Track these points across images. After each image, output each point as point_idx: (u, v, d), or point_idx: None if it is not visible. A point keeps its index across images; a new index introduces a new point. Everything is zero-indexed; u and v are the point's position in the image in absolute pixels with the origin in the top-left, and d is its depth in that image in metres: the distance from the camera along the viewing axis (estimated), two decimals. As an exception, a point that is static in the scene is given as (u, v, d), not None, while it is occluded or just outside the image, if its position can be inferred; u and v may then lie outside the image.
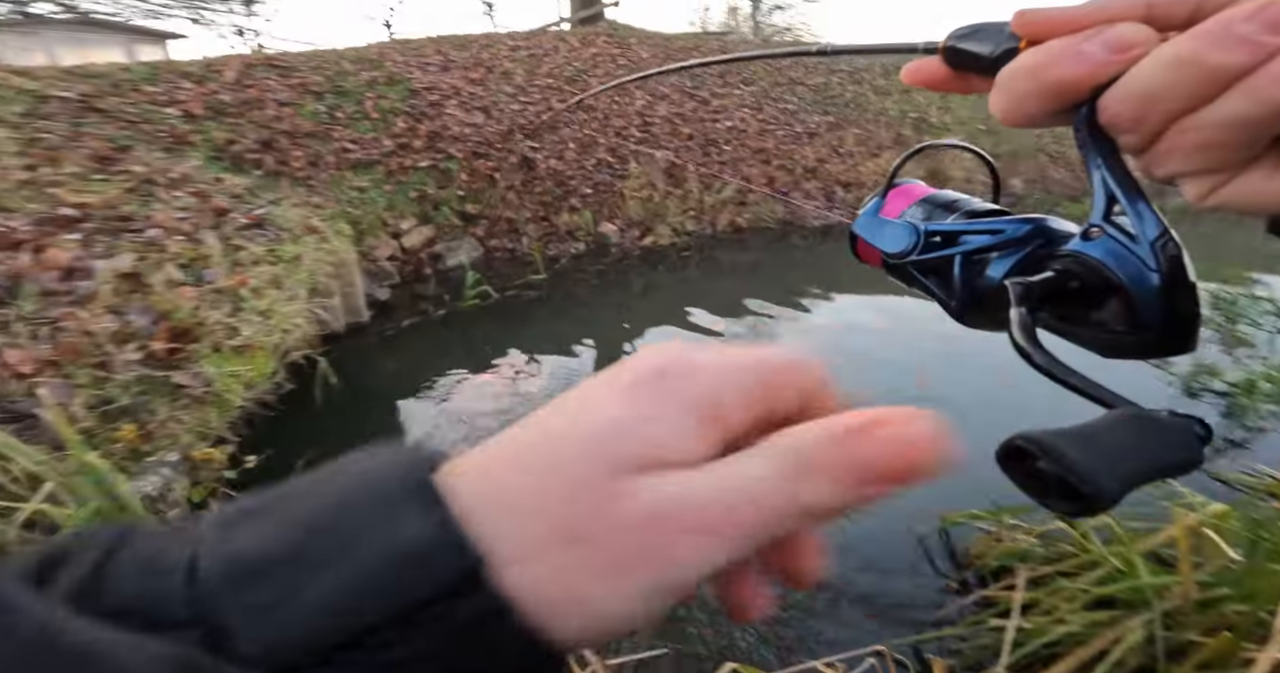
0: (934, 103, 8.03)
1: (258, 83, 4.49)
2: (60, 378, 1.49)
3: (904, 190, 0.40)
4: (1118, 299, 0.23)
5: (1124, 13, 0.20)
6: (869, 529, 1.93)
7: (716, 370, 0.19)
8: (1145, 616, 1.24)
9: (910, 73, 0.29)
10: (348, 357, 3.08)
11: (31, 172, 2.15)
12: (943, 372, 2.92)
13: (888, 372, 3.04)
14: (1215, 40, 0.18)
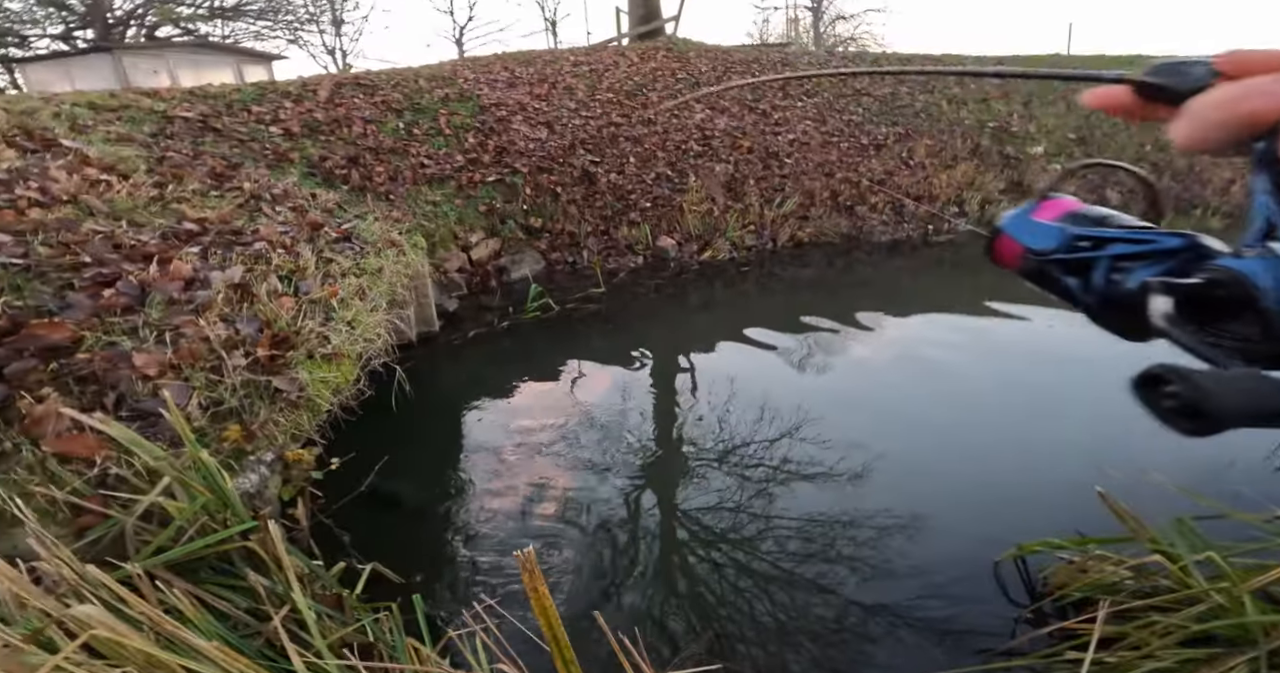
0: (1015, 111, 7.62)
1: (346, 101, 4.83)
2: (180, 381, 1.64)
3: (1055, 203, 0.42)
4: (1256, 312, 0.25)
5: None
6: (938, 553, 1.86)
7: None
8: (1250, 654, 1.15)
9: (1096, 98, 0.32)
10: (419, 365, 3.23)
11: (160, 188, 2.41)
12: (1031, 397, 2.76)
13: (970, 393, 2.89)
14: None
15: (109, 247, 1.83)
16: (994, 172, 6.74)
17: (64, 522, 1.22)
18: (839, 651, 1.57)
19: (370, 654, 1.25)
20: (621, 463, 2.44)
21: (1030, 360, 3.21)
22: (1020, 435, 2.50)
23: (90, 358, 1.44)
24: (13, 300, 1.47)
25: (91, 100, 3.43)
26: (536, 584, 0.86)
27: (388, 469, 2.39)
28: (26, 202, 1.86)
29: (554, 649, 0.91)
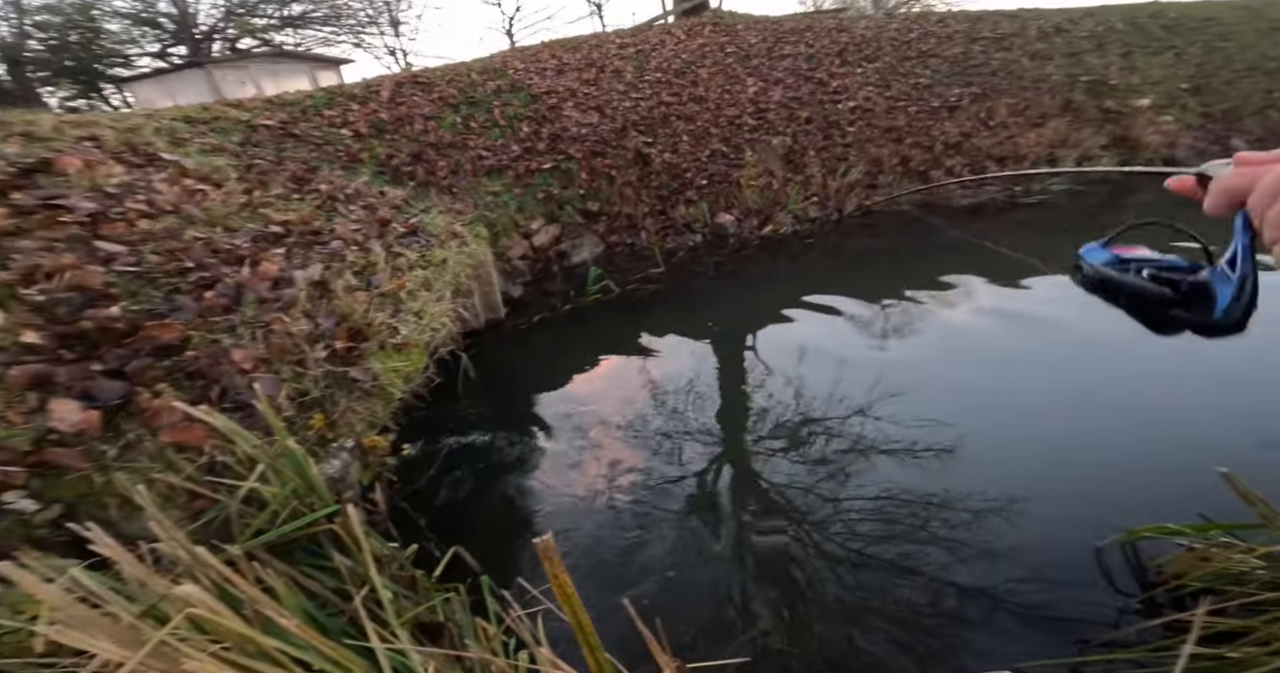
0: (1113, 64, 6.80)
1: (406, 99, 5.00)
2: (270, 373, 1.79)
3: (1122, 249, 0.77)
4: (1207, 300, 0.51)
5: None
6: (1032, 536, 1.74)
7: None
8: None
9: (1174, 184, 0.52)
10: (485, 351, 3.36)
11: (248, 195, 2.61)
12: (1140, 370, 2.49)
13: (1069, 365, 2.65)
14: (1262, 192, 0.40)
15: (208, 252, 2.00)
16: (1092, 127, 6.07)
17: (182, 505, 1.36)
18: (922, 636, 1.52)
19: (440, 634, 1.33)
20: (689, 443, 2.44)
21: (1140, 329, 2.88)
22: (1128, 412, 2.27)
23: (196, 355, 1.58)
24: (130, 305, 1.65)
25: (187, 114, 3.74)
26: (556, 571, 0.87)
27: (458, 453, 2.52)
28: (136, 213, 2.06)
29: (579, 635, 0.92)
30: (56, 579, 1.01)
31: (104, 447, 1.32)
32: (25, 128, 2.68)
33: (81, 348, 1.46)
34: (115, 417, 1.37)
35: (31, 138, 2.60)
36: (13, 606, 1.04)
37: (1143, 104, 6.29)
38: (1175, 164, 5.82)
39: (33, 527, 1.20)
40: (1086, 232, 4.62)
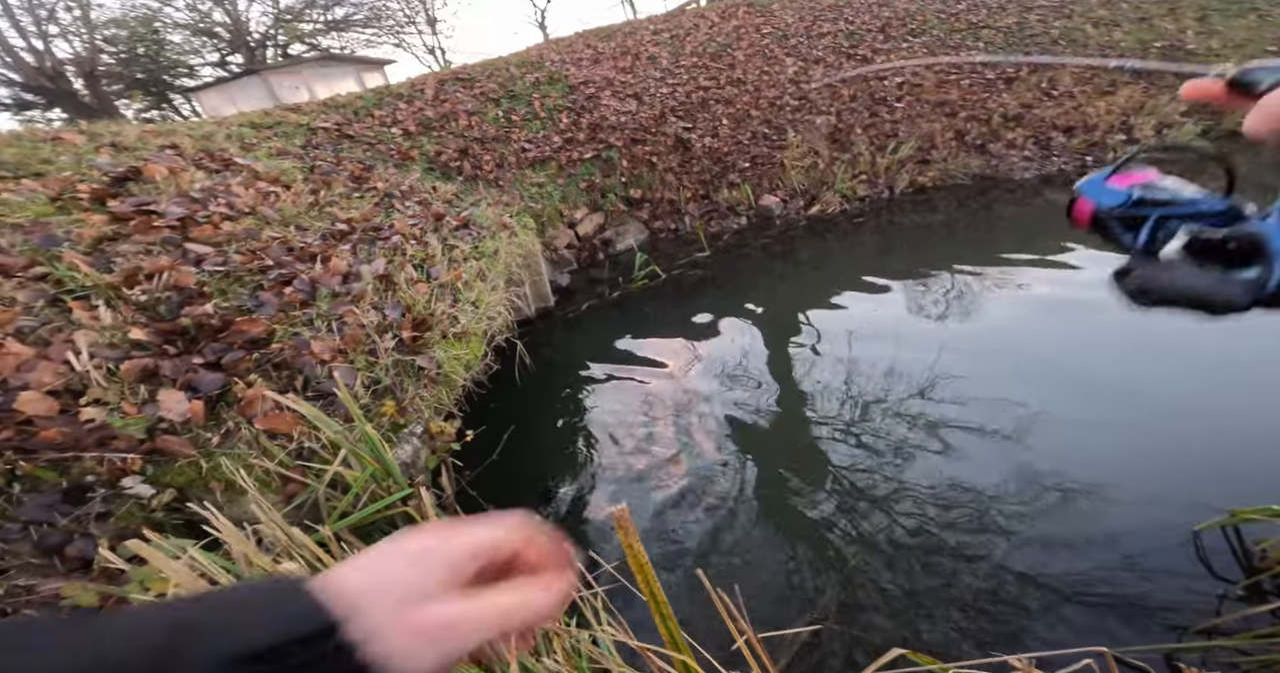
0: (1188, 28, 6.24)
1: (450, 96, 5.09)
2: (346, 364, 1.88)
3: (1131, 175, 0.50)
4: (1261, 262, 0.33)
5: None
6: (1130, 520, 1.66)
7: (456, 551, 0.33)
8: None
9: (1191, 89, 0.39)
10: (538, 339, 3.43)
11: (315, 195, 2.73)
12: (1230, 345, 2.32)
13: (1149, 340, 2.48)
14: None
15: (284, 250, 2.11)
16: (1169, 93, 5.60)
17: (276, 489, 1.46)
18: (993, 621, 1.47)
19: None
20: (745, 425, 2.43)
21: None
22: (1216, 390, 2.11)
23: (281, 347, 1.68)
24: (221, 303, 1.76)
25: (251, 120, 3.93)
26: (631, 541, 0.88)
27: (517, 439, 2.59)
28: (219, 216, 2.19)
29: (651, 605, 0.94)
30: (180, 558, 1.11)
31: (207, 434, 1.42)
32: (113, 139, 2.89)
33: (182, 343, 1.57)
34: (216, 406, 1.48)
35: (119, 148, 2.79)
36: (141, 581, 1.14)
37: (1227, 68, 5.77)
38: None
39: (150, 510, 1.31)
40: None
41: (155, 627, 0.27)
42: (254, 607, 0.30)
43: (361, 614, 0.30)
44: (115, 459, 1.29)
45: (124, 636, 0.26)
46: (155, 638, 0.26)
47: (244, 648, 0.27)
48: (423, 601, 0.31)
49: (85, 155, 2.56)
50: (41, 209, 2.01)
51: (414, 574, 0.32)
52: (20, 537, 1.15)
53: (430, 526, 0.35)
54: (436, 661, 0.30)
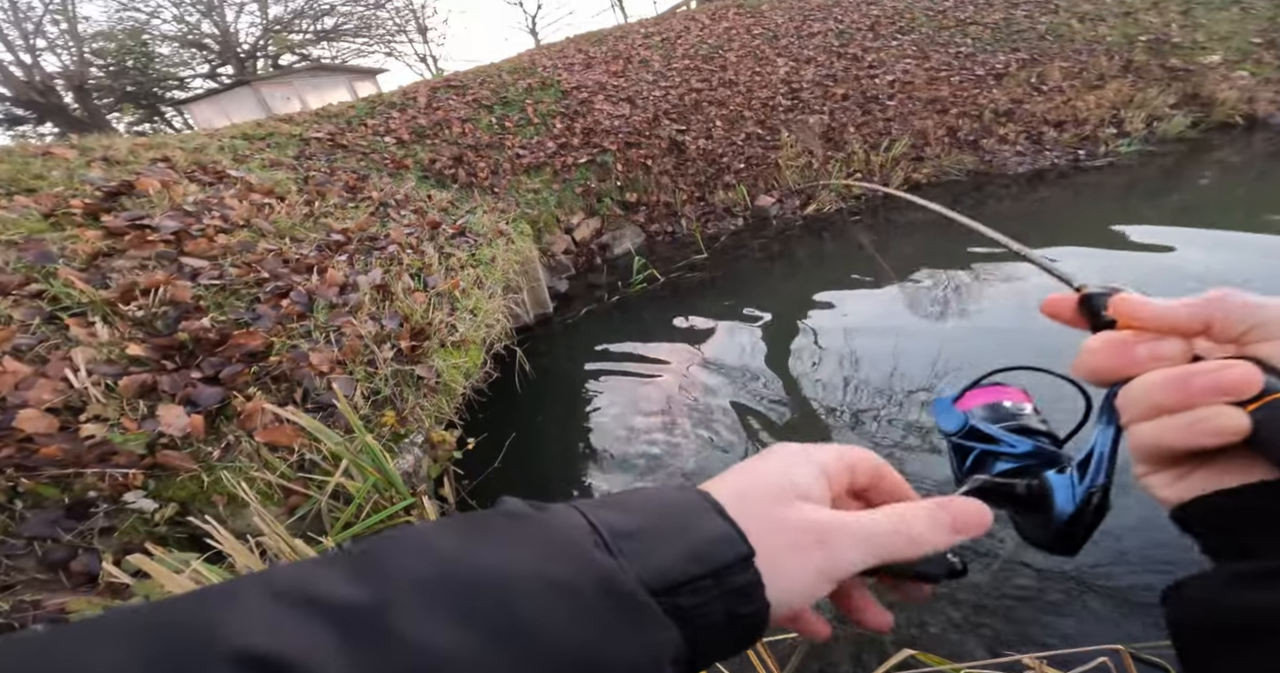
0: (1173, 21, 6.32)
1: (442, 104, 5.10)
2: (345, 375, 1.88)
3: (996, 389, 0.52)
4: (1046, 512, 0.34)
5: (1189, 325, 0.27)
6: (1146, 512, 1.60)
7: (824, 456, 0.31)
8: None
9: (1047, 304, 0.35)
10: (537, 345, 3.43)
11: (309, 206, 2.73)
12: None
13: None
14: (1169, 381, 0.26)
15: (280, 262, 2.11)
16: (1158, 86, 5.66)
17: (278, 501, 1.45)
18: (1006, 622, 1.47)
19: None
20: (744, 425, 2.43)
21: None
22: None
23: (279, 360, 1.68)
24: (218, 316, 1.76)
25: (244, 132, 3.93)
26: None
27: (518, 446, 2.58)
28: (213, 229, 2.19)
29: None
30: (184, 571, 1.11)
31: (208, 448, 1.42)
32: (104, 153, 2.88)
33: (180, 358, 1.56)
34: (216, 420, 1.47)
35: (111, 162, 2.79)
36: (146, 596, 1.14)
37: (1212, 60, 5.83)
38: (1258, 124, 5.35)
39: (153, 524, 1.30)
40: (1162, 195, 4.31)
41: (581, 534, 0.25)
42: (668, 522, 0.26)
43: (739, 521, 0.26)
44: (117, 475, 1.28)
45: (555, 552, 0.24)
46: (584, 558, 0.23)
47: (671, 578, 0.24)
48: (796, 499, 0.28)
49: (77, 170, 2.56)
50: (35, 225, 2.00)
51: (786, 475, 0.29)
52: (25, 552, 1.14)
53: (784, 446, 0.32)
54: (812, 581, 0.26)
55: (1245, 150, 4.89)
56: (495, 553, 0.22)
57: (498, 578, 0.21)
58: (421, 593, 0.20)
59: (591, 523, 0.25)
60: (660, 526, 0.26)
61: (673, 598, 0.23)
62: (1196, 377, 0.25)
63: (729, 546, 0.25)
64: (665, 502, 0.27)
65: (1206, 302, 0.27)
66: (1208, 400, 0.25)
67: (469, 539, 0.23)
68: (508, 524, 0.24)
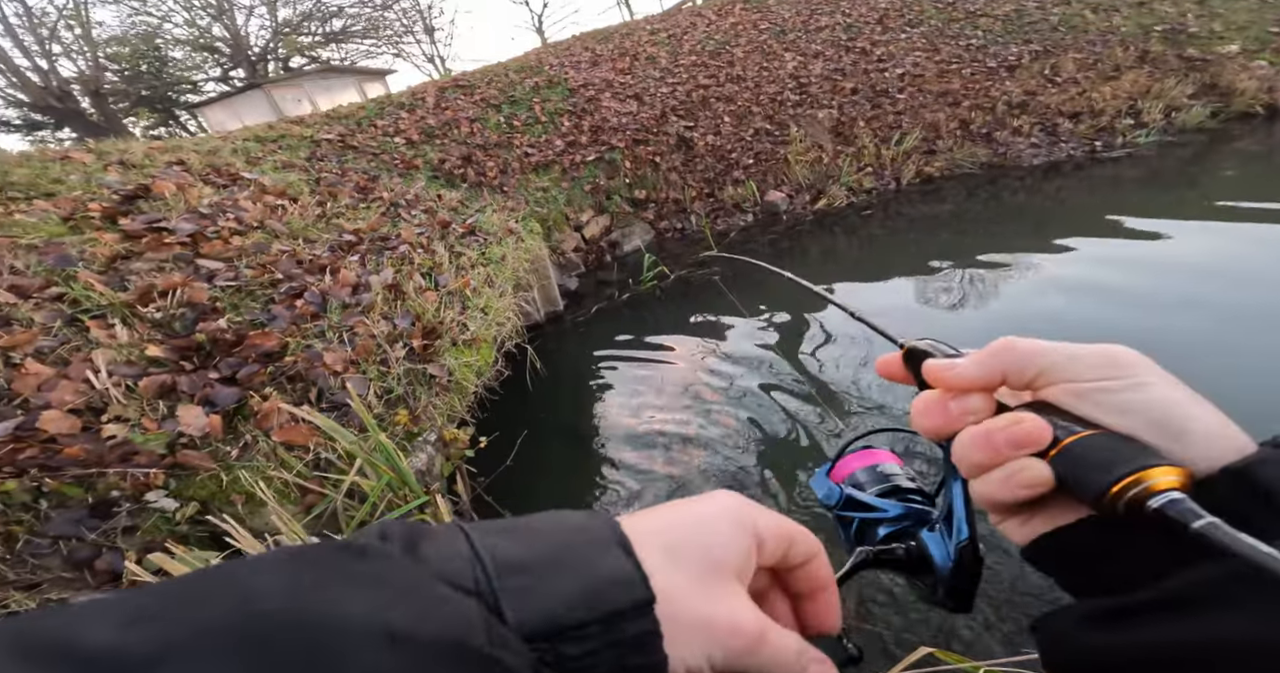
0: (1189, 11, 6.19)
1: (451, 104, 5.11)
2: (359, 374, 1.89)
3: (866, 454, 0.53)
4: (931, 572, 0.34)
5: (985, 380, 0.29)
6: None
7: (768, 526, 0.28)
8: None
9: (879, 367, 0.35)
10: (548, 343, 3.43)
11: (321, 207, 2.75)
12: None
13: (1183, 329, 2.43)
14: (976, 438, 0.28)
15: (293, 263, 2.13)
16: (1175, 77, 5.55)
17: (295, 500, 1.47)
18: (1029, 617, 1.45)
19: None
20: (759, 422, 2.42)
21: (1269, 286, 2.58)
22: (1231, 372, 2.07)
23: (294, 360, 1.69)
24: (233, 317, 1.78)
25: (256, 134, 3.97)
26: None
27: (530, 443, 2.59)
28: (228, 231, 2.21)
29: None
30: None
31: (226, 448, 1.44)
32: (120, 156, 2.92)
33: (198, 359, 1.58)
34: (233, 420, 1.49)
35: (127, 165, 2.82)
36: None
37: (1231, 50, 5.70)
38: (1279, 115, 5.23)
39: (174, 523, 1.32)
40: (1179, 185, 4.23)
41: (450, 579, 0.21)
42: (567, 556, 0.23)
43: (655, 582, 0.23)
44: (138, 474, 1.30)
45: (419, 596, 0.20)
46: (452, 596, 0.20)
47: (557, 621, 0.21)
48: (730, 578, 0.25)
49: (94, 174, 2.60)
50: (55, 229, 2.03)
51: (725, 544, 0.26)
52: (50, 551, 1.16)
53: (734, 494, 0.29)
54: (696, 665, 0.24)
55: (1268, 140, 4.78)
56: (322, 595, 0.18)
57: (315, 627, 0.17)
58: (209, 643, 0.16)
59: (476, 552, 0.22)
60: (557, 559, 0.23)
61: (555, 646, 0.21)
62: (995, 434, 0.27)
63: (626, 588, 0.23)
64: (569, 530, 0.25)
65: (992, 355, 0.29)
66: (1012, 455, 0.27)
67: (297, 577, 0.19)
68: (350, 559, 0.21)
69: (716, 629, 0.24)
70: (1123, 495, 0.24)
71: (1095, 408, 0.26)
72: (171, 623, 0.17)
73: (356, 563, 0.21)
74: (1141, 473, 0.23)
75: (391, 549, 0.22)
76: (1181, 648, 0.22)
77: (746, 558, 0.26)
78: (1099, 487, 0.24)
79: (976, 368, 0.29)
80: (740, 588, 0.26)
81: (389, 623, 0.18)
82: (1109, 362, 0.27)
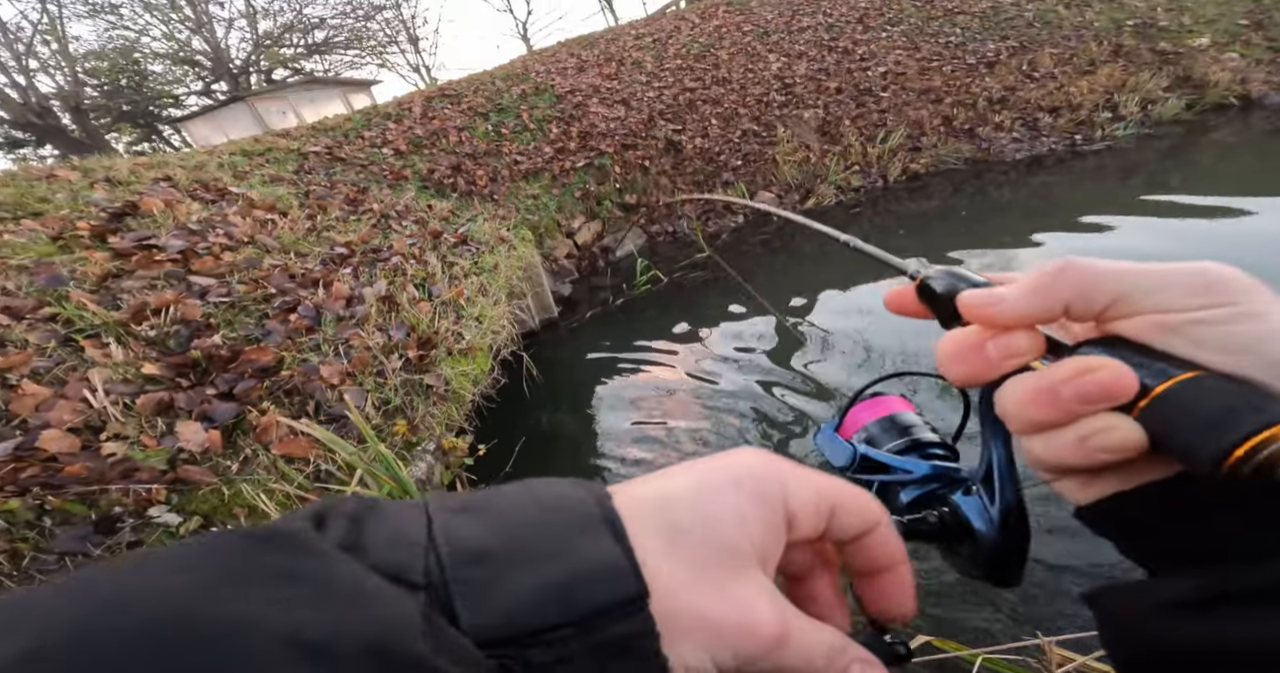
0: (1159, 5, 6.34)
1: (438, 113, 5.12)
2: (355, 386, 1.90)
3: (876, 403, 0.46)
4: (971, 539, 0.30)
5: (1043, 314, 0.23)
6: None
7: (801, 495, 0.23)
8: None
9: (889, 300, 0.30)
10: (544, 350, 3.44)
11: (312, 220, 2.75)
12: None
13: None
14: (1037, 394, 0.22)
15: (286, 277, 2.13)
16: (1150, 70, 5.68)
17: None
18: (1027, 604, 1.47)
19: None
20: (756, 421, 2.44)
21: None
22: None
23: (291, 374, 1.70)
24: (228, 333, 1.78)
25: (242, 148, 3.96)
26: None
27: (529, 450, 2.59)
28: (219, 247, 2.21)
29: None
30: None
31: (227, 462, 1.44)
32: (106, 173, 2.91)
33: (195, 375, 1.58)
34: (233, 434, 1.49)
35: (113, 182, 2.81)
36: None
37: (1201, 43, 5.84)
38: (1254, 104, 5.35)
39: (178, 537, 1.32)
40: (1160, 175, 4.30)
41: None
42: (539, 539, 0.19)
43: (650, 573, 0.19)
44: (140, 490, 1.30)
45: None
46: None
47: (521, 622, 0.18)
48: (751, 565, 0.21)
49: (81, 192, 2.58)
50: (44, 249, 2.02)
51: (742, 520, 0.21)
52: (57, 568, 1.16)
53: (760, 451, 0.24)
54: (701, 670, 0.19)
55: (1243, 131, 4.89)
56: (227, 594, 0.15)
57: (213, 634, 0.14)
58: (82, 650, 0.13)
59: (432, 537, 0.19)
60: (525, 543, 0.19)
61: (522, 651, 0.17)
62: (1061, 387, 0.21)
63: (608, 582, 0.19)
64: (544, 506, 0.21)
65: (1052, 281, 0.23)
66: (1085, 411, 0.21)
67: (204, 573, 0.15)
68: (262, 550, 0.17)
69: (724, 630, 0.20)
70: (1253, 457, 0.18)
71: (1192, 346, 0.20)
72: (45, 625, 0.13)
73: (269, 554, 0.16)
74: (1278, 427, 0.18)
75: (320, 538, 0.18)
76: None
77: (771, 538, 0.22)
78: (1219, 447, 0.18)
79: (1031, 297, 0.23)
80: (759, 575, 0.21)
81: (298, 631, 0.14)
82: (1207, 286, 0.21)
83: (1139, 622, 0.22)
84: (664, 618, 0.19)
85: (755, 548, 0.21)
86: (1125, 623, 0.22)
